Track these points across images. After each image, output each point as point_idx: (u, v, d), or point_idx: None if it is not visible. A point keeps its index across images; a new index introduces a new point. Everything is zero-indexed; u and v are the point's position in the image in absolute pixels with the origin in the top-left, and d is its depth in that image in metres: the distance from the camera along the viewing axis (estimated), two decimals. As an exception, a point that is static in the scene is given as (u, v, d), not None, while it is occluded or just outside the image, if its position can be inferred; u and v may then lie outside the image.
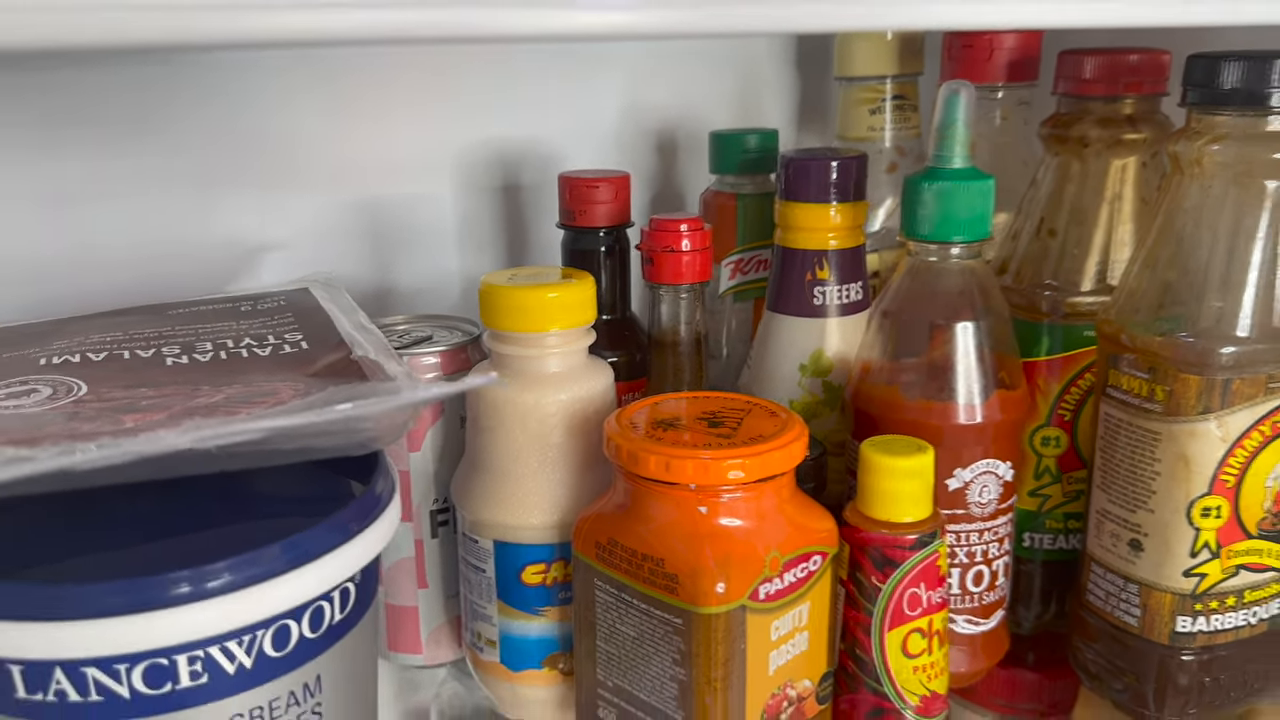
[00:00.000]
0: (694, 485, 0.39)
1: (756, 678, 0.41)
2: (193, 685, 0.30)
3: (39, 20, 0.23)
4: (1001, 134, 0.56)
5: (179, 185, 0.54)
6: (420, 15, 0.27)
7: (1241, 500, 0.44)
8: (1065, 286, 0.50)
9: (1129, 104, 0.49)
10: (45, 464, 0.28)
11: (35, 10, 0.23)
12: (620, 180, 0.53)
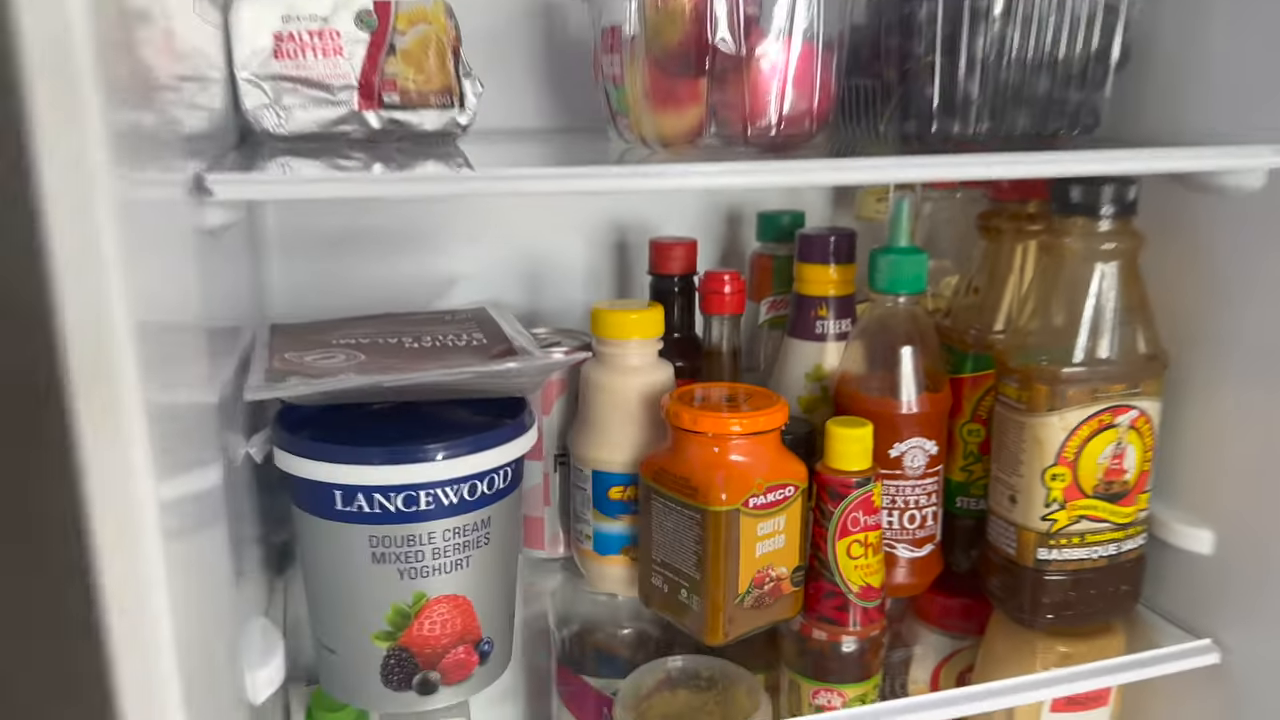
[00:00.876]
0: (710, 434, 0.65)
1: (747, 557, 0.66)
2: (426, 508, 0.58)
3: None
4: (959, 221, 0.80)
5: (418, 237, 0.83)
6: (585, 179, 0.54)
7: (1079, 470, 0.66)
8: (983, 328, 0.74)
9: (1031, 206, 0.72)
10: (356, 382, 0.57)
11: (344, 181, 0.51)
12: (689, 245, 0.79)
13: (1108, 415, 0.65)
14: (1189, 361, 0.69)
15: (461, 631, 0.61)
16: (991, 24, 0.63)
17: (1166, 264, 0.69)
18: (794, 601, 0.69)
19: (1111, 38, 0.65)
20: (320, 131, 0.68)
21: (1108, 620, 0.71)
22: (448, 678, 0.61)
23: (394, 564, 0.58)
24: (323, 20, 0.67)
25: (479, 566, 0.60)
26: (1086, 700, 0.72)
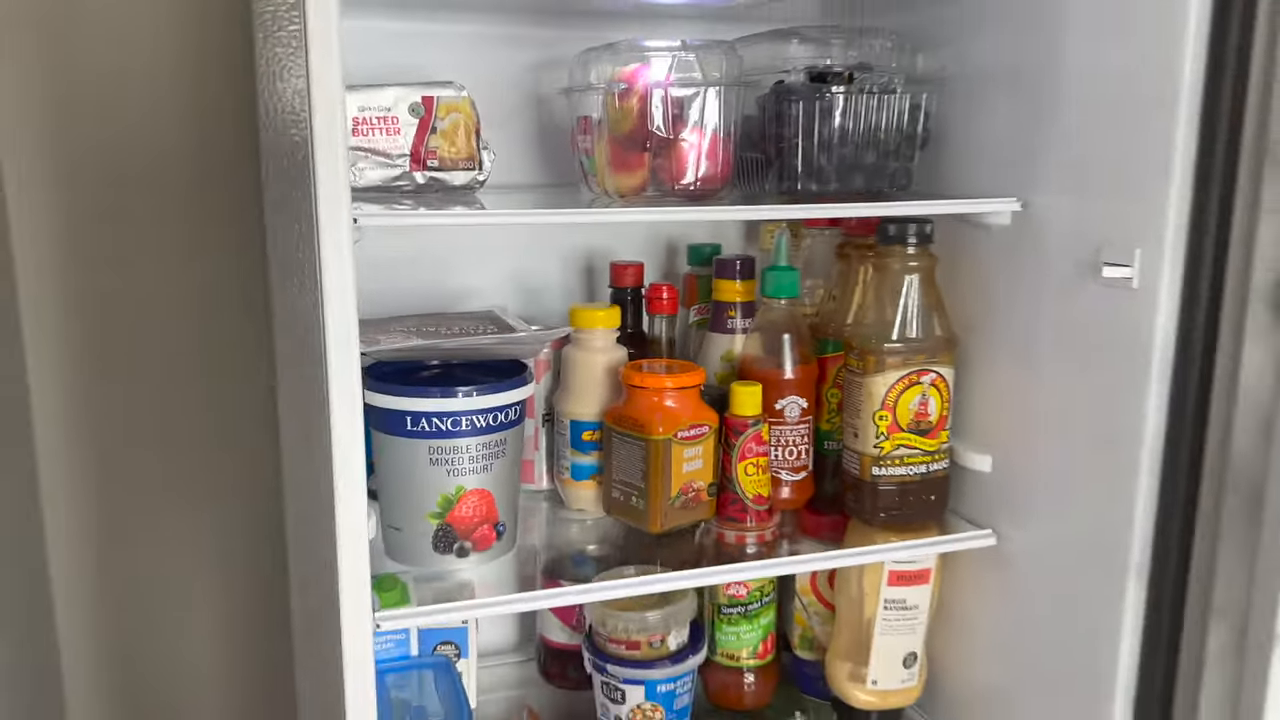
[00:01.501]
0: (651, 388, 0.96)
1: (676, 473, 0.97)
2: (465, 428, 0.88)
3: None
4: (827, 251, 1.13)
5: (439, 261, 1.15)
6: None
7: (897, 413, 0.99)
8: (839, 322, 1.06)
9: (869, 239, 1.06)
10: (419, 344, 0.88)
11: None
12: (638, 266, 1.11)
13: (915, 375, 0.98)
14: (972, 341, 1.02)
15: (486, 515, 0.91)
16: (835, 118, 0.96)
17: (956, 275, 1.02)
18: (710, 506, 1.01)
19: (917, 126, 0.99)
20: (383, 185, 0.99)
21: (925, 521, 1.02)
22: (477, 546, 0.92)
23: (443, 466, 0.89)
24: (387, 109, 0.98)
25: (498, 471, 0.91)
26: (913, 577, 1.04)
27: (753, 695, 1.13)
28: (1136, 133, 0.81)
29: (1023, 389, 0.97)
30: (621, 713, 1.06)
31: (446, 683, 0.99)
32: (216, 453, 1.21)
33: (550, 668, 1.18)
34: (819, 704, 1.16)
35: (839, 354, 1.07)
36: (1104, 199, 0.85)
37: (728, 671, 1.13)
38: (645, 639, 1.05)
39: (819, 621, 1.14)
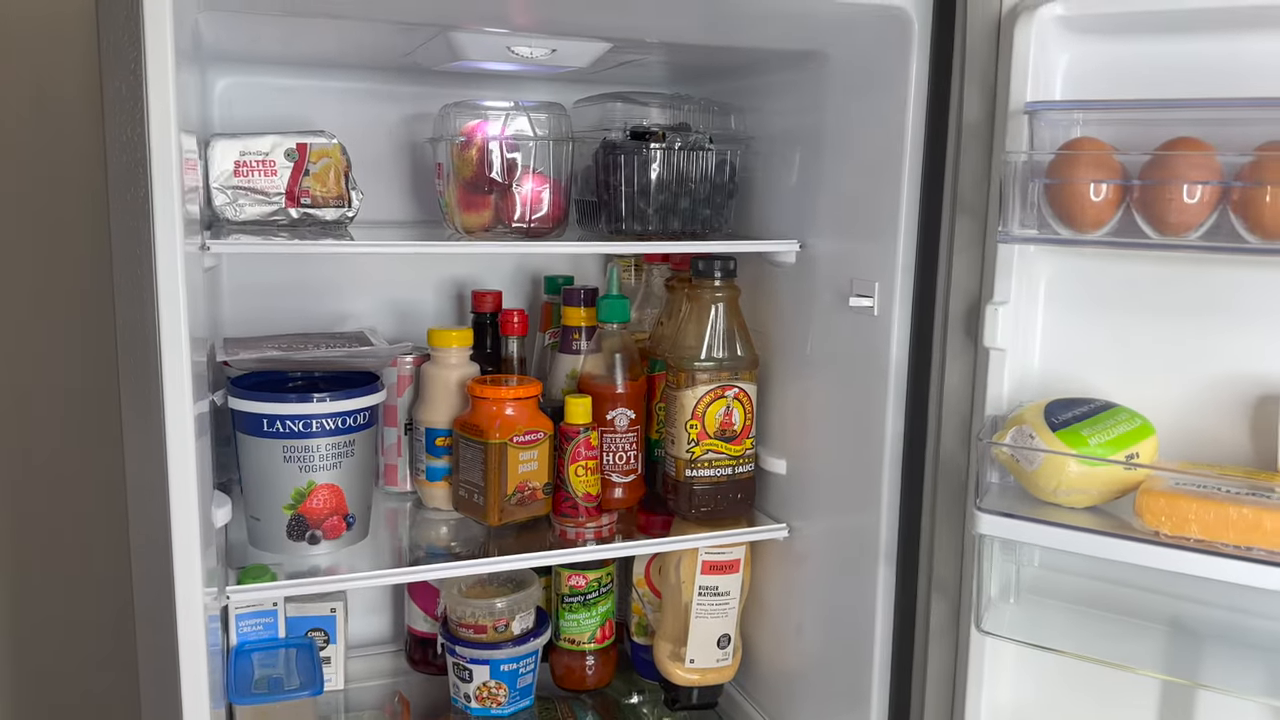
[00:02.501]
0: (490, 398, 1.11)
1: (512, 473, 1.11)
2: (316, 430, 1.02)
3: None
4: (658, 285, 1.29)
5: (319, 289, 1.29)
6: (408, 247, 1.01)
7: (705, 422, 1.14)
8: (665, 345, 1.22)
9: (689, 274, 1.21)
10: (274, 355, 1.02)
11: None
12: (497, 293, 1.26)
13: (720, 390, 1.14)
14: (771, 361, 1.18)
15: (336, 507, 1.05)
16: (655, 170, 1.12)
17: (757, 305, 1.18)
18: (545, 504, 1.15)
19: (725, 178, 1.16)
20: (261, 219, 1.13)
21: (735, 517, 1.17)
22: (327, 535, 1.05)
23: (296, 463, 1.02)
24: (265, 154, 1.13)
25: (348, 469, 1.05)
26: (725, 566, 1.19)
27: (594, 676, 1.27)
28: (876, 187, 0.98)
29: (804, 402, 1.13)
30: (469, 690, 1.20)
31: (306, 659, 1.12)
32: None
33: (415, 654, 1.31)
34: (654, 685, 1.29)
35: (665, 373, 1.22)
36: (855, 241, 1.02)
37: (571, 655, 1.27)
38: (491, 624, 1.19)
39: (653, 610, 1.28)
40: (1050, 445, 0.78)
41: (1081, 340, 0.87)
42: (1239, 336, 0.81)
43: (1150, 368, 0.84)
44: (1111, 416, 0.80)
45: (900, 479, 0.99)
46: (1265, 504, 0.72)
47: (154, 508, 0.80)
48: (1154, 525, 0.74)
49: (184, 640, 0.81)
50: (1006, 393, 0.87)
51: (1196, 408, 0.82)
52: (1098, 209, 0.76)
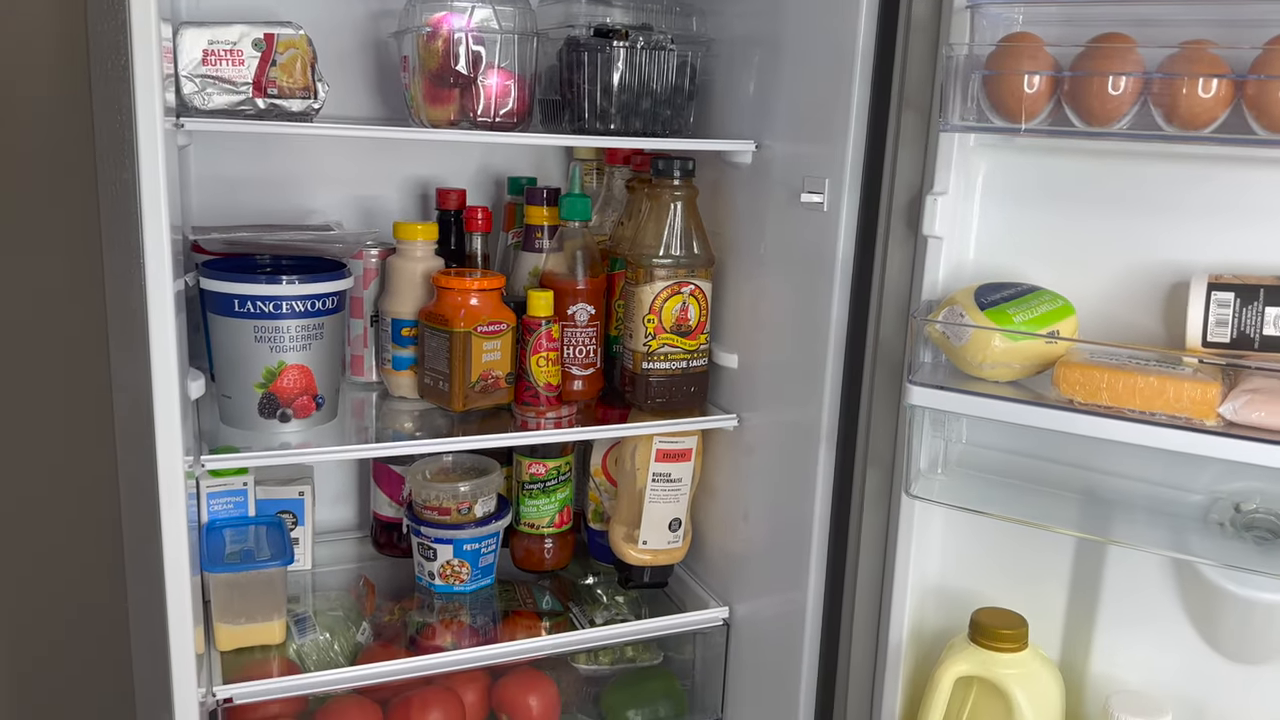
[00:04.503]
0: (456, 289, 1.15)
1: (476, 361, 1.16)
2: (286, 311, 1.06)
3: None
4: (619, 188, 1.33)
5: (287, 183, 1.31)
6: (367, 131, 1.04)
7: (663, 316, 1.19)
8: (625, 244, 1.26)
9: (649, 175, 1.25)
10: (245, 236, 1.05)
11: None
12: (461, 191, 1.30)
13: (677, 286, 1.19)
14: (727, 260, 1.23)
15: (306, 387, 1.09)
16: (618, 69, 1.15)
17: (715, 205, 1.23)
18: (508, 393, 1.20)
19: (684, 80, 1.19)
20: (229, 109, 1.15)
21: (688, 408, 1.23)
22: (297, 414, 1.10)
23: (267, 343, 1.06)
24: (233, 44, 1.14)
25: (316, 351, 1.09)
26: (677, 455, 1.25)
27: (552, 559, 1.34)
28: (829, 87, 1.02)
29: (756, 299, 1.18)
30: (433, 569, 1.26)
31: (275, 535, 1.17)
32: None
33: (381, 538, 1.37)
34: (609, 568, 1.36)
35: (624, 271, 1.27)
36: (808, 141, 1.06)
37: (530, 539, 1.33)
38: (455, 506, 1.25)
39: (609, 498, 1.35)
40: (978, 322, 0.84)
41: (1013, 230, 0.92)
42: (1155, 228, 0.87)
43: (1075, 256, 0.90)
44: (1036, 298, 0.86)
45: (843, 367, 1.05)
46: (1169, 374, 0.78)
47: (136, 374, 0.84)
48: (1069, 394, 0.81)
49: (165, 502, 0.86)
50: (942, 279, 0.93)
51: (1116, 293, 0.89)
52: (1031, 100, 0.81)
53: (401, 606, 1.27)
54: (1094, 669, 0.95)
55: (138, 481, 0.88)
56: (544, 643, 1.21)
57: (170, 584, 0.91)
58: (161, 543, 0.90)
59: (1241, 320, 0.80)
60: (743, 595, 1.26)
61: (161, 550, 0.90)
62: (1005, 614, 0.93)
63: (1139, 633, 0.93)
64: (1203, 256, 0.85)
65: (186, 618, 0.92)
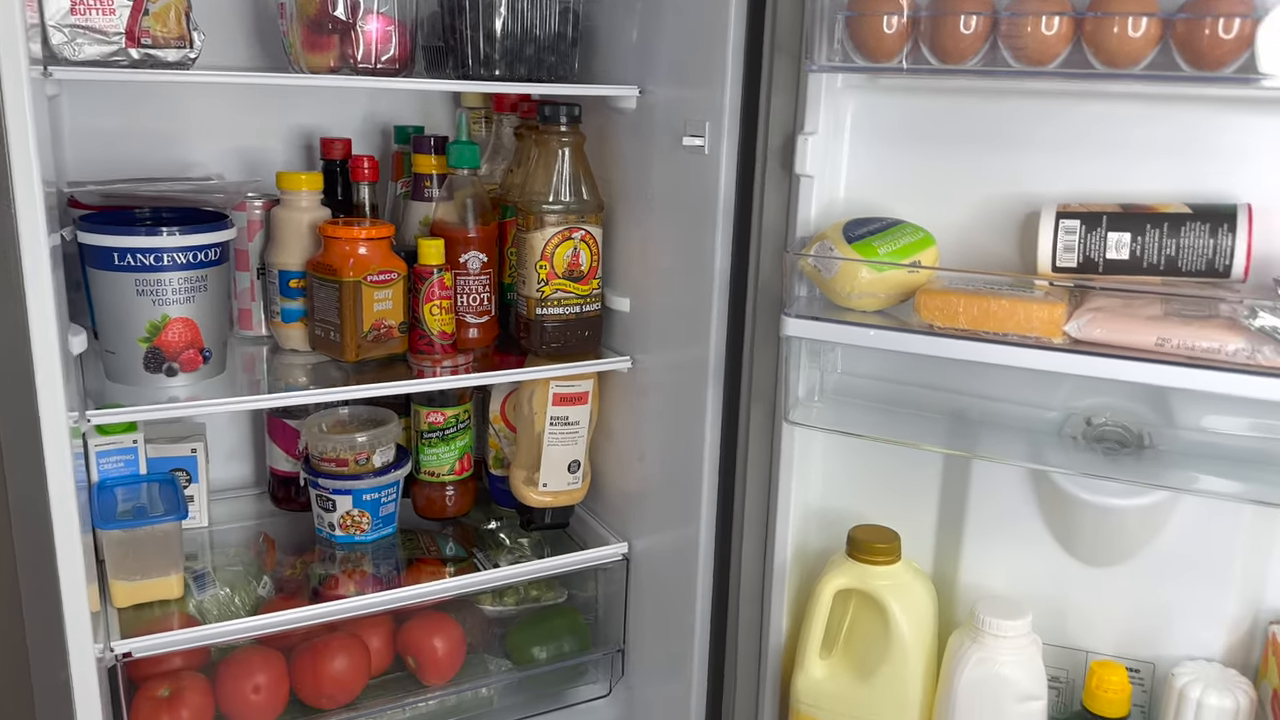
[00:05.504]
0: (344, 238, 1.15)
1: (368, 311, 1.16)
2: (165, 264, 1.04)
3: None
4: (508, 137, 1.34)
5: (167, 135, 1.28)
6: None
7: (555, 262, 1.21)
8: (513, 191, 1.27)
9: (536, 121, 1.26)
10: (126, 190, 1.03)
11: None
12: (346, 141, 1.29)
13: (568, 232, 1.20)
14: (616, 205, 1.25)
15: (191, 340, 1.08)
16: (500, 15, 1.15)
17: (603, 151, 1.25)
18: (402, 342, 1.21)
19: (568, 26, 1.20)
20: (101, 60, 1.11)
21: (583, 352, 1.26)
22: (184, 368, 1.09)
23: (149, 297, 1.05)
24: (101, -10, 1.11)
25: (201, 303, 1.08)
26: (574, 398, 1.28)
27: (454, 506, 1.36)
28: (706, 35, 1.05)
29: (645, 243, 1.21)
30: (333, 520, 1.27)
31: (168, 491, 1.16)
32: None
33: (278, 493, 1.37)
34: (511, 513, 1.39)
35: (515, 218, 1.28)
36: (689, 86, 1.09)
37: (431, 487, 1.35)
38: (352, 457, 1.25)
39: (508, 444, 1.37)
40: (846, 255, 0.88)
41: (880, 168, 0.97)
42: (1009, 162, 0.92)
43: (936, 191, 0.95)
44: (899, 230, 0.91)
45: (727, 306, 1.09)
46: (1021, 297, 0.84)
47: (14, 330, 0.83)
48: (929, 319, 0.86)
49: (51, 459, 0.85)
50: (815, 217, 0.97)
51: (974, 225, 0.94)
52: (890, 40, 0.85)
53: (303, 560, 1.28)
54: (962, 578, 1.02)
55: (21, 439, 0.86)
56: (446, 585, 1.23)
57: (60, 541, 0.90)
58: (49, 500, 0.89)
59: (1087, 245, 0.86)
60: (640, 531, 1.30)
61: (49, 508, 0.89)
62: (879, 530, 0.99)
63: (1002, 543, 1.00)
64: (1054, 188, 0.90)
65: (79, 574, 0.91)
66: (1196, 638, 0.94)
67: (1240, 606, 0.92)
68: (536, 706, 1.34)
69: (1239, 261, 0.81)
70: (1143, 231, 0.84)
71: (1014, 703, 0.91)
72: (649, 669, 1.31)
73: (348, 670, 1.17)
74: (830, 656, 1.00)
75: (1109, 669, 0.91)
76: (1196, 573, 0.93)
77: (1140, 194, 0.87)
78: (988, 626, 0.92)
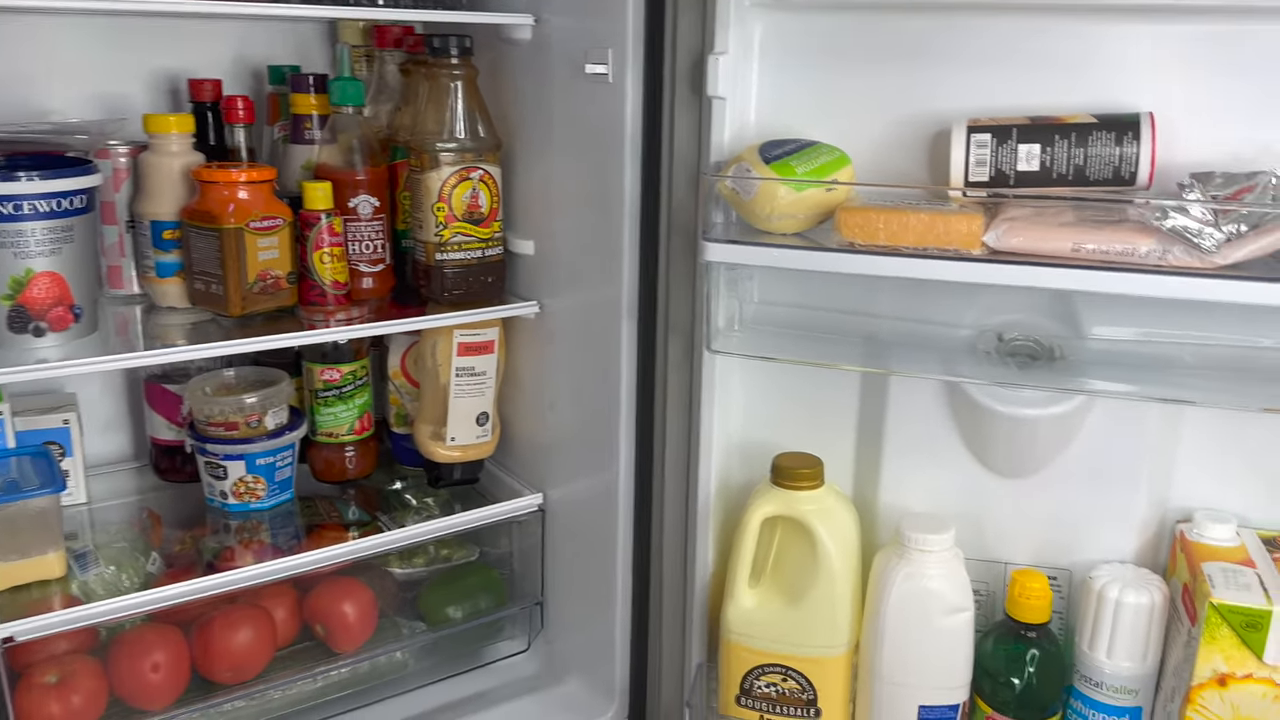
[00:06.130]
0: (222, 182, 1.07)
1: (252, 261, 1.09)
2: (26, 212, 0.95)
3: None
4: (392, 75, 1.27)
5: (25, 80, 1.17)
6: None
7: (453, 204, 1.15)
8: (403, 131, 1.21)
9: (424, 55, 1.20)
10: None
11: None
12: (216, 81, 1.20)
13: (466, 172, 1.15)
14: (515, 143, 1.20)
15: (60, 297, 0.99)
16: (381, -60, 1.09)
17: (496, 86, 1.20)
18: (291, 294, 1.13)
19: (456, -46, 1.14)
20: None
21: (486, 299, 1.21)
22: (53, 327, 0.99)
23: (9, 249, 0.95)
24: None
25: (68, 255, 0.99)
26: (479, 347, 1.23)
27: (355, 468, 1.29)
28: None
29: (547, 182, 1.17)
30: (225, 487, 1.19)
31: (42, 464, 1.06)
32: None
33: (162, 464, 1.28)
34: (417, 471, 1.34)
35: (407, 160, 1.22)
36: (588, 13, 1.05)
37: (330, 448, 1.28)
38: (242, 420, 1.18)
39: (410, 400, 1.32)
40: (765, 175, 0.87)
41: (791, 89, 0.96)
42: (918, 80, 0.92)
43: (848, 111, 0.94)
44: (815, 150, 0.90)
45: (639, 239, 1.06)
46: (939, 210, 0.84)
47: None
48: (850, 237, 0.85)
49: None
50: (728, 141, 0.95)
51: (885, 145, 0.94)
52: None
53: (193, 535, 1.20)
54: (882, 499, 1.03)
55: None
56: (349, 547, 1.17)
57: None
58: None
59: (998, 159, 0.86)
60: (555, 481, 1.27)
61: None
62: (803, 456, 0.98)
63: (920, 463, 1.01)
64: (963, 104, 0.90)
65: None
66: (1109, 542, 0.97)
67: (1148, 509, 0.96)
68: (454, 667, 1.30)
69: (1144, 169, 0.83)
70: (1051, 142, 0.85)
71: (942, 615, 0.92)
72: (570, 619, 1.28)
73: (253, 642, 1.10)
74: (759, 585, 0.99)
75: (1030, 576, 0.94)
76: (1106, 479, 0.96)
77: (1049, 107, 0.88)
78: (913, 542, 0.93)
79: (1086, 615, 0.93)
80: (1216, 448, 0.93)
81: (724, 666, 1.02)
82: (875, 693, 0.96)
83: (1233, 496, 0.93)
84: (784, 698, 0.99)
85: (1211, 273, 0.77)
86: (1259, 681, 0.82)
